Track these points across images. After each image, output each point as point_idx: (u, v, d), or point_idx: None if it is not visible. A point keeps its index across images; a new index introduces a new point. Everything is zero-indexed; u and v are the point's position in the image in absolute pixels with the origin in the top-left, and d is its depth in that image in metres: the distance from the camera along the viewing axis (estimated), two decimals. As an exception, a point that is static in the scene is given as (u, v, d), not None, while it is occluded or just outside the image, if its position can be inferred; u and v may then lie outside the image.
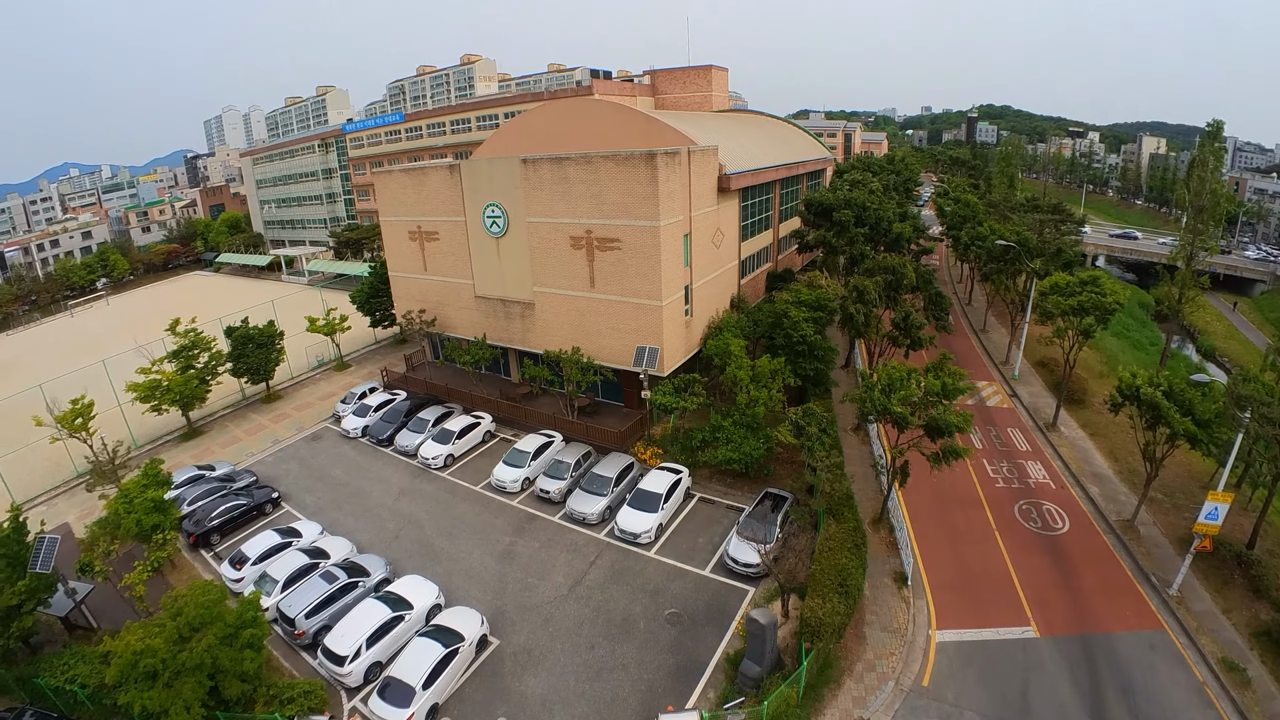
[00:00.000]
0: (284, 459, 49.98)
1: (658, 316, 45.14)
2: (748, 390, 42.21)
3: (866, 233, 58.93)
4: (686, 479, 40.92)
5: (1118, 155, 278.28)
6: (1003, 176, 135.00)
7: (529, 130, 59.49)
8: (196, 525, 39.59)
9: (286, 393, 62.87)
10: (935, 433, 34.07)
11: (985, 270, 65.76)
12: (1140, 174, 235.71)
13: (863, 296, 48.75)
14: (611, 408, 51.64)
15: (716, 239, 52.65)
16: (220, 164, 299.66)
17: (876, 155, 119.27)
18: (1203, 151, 64.10)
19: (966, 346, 67.32)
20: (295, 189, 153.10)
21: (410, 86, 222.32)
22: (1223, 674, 29.01)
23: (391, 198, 59.10)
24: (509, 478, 42.61)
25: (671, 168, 44.08)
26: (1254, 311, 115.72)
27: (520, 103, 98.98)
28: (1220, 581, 34.85)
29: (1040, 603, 32.80)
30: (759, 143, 69.33)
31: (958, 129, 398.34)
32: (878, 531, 37.07)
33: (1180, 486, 43.50)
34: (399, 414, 51.71)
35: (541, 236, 48.90)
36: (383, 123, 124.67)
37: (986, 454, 46.43)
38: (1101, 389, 54.17)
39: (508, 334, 54.16)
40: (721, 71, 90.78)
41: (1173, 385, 36.54)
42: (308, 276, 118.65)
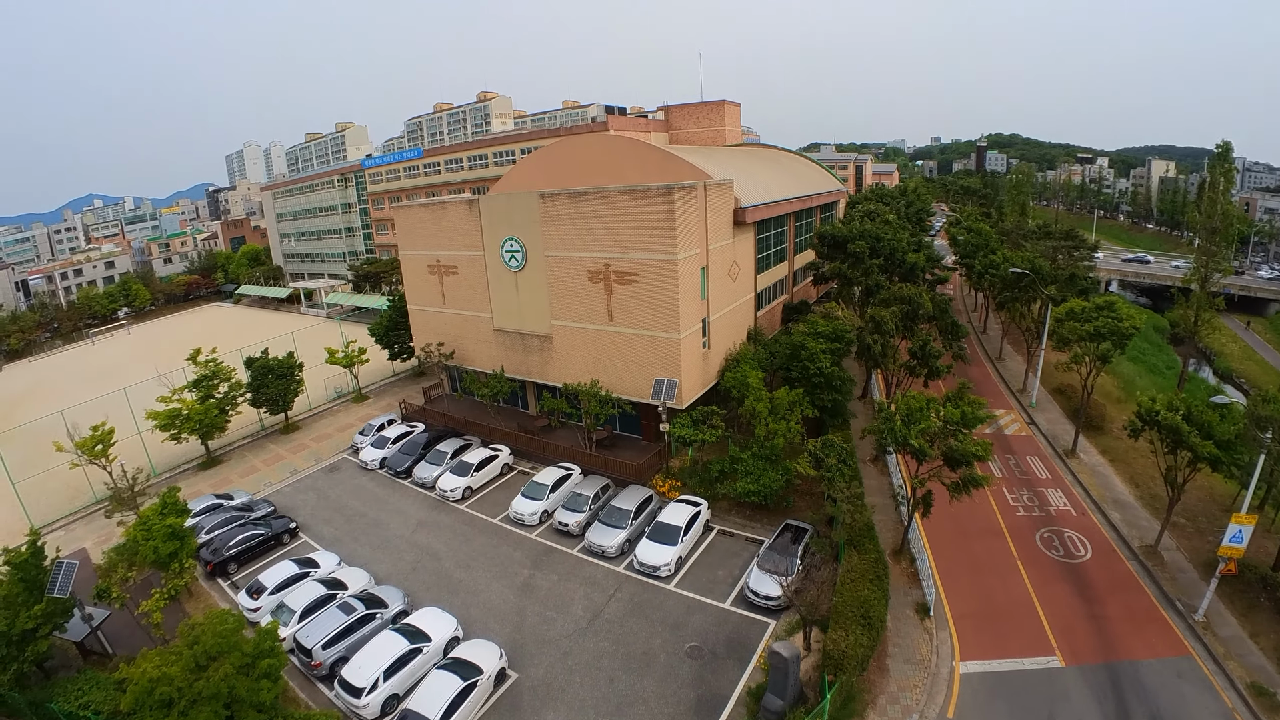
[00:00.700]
0: (302, 489, 50.36)
1: (676, 349, 45.45)
2: (766, 422, 42.25)
3: (881, 263, 59.24)
4: (705, 511, 40.88)
5: (1127, 180, 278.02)
6: (1014, 204, 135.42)
7: (546, 165, 60.44)
8: (214, 554, 39.90)
9: (305, 424, 63.49)
10: (954, 462, 33.97)
11: (1000, 298, 65.78)
12: (1150, 198, 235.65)
13: (880, 327, 48.90)
14: (630, 440, 51.74)
15: (733, 272, 53.07)
16: (241, 198, 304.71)
17: (888, 186, 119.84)
18: (1213, 173, 64.52)
19: (983, 375, 67.17)
20: (315, 223, 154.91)
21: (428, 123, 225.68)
22: (1252, 699, 28.69)
23: (411, 232, 59.94)
24: (527, 510, 42.70)
25: (688, 202, 44.67)
26: (1269, 331, 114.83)
27: (536, 139, 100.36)
28: (1246, 605, 34.52)
29: (1065, 631, 32.51)
30: (773, 176, 70.14)
31: (967, 159, 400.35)
32: (899, 562, 36.85)
33: (1203, 510, 43.25)
34: (417, 446, 51.99)
35: (559, 270, 49.47)
36: (401, 158, 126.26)
37: (1006, 483, 46.21)
38: (1120, 415, 53.97)
39: (526, 367, 54.54)
40: (734, 106, 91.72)
41: (1192, 409, 36.44)
42: (327, 309, 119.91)
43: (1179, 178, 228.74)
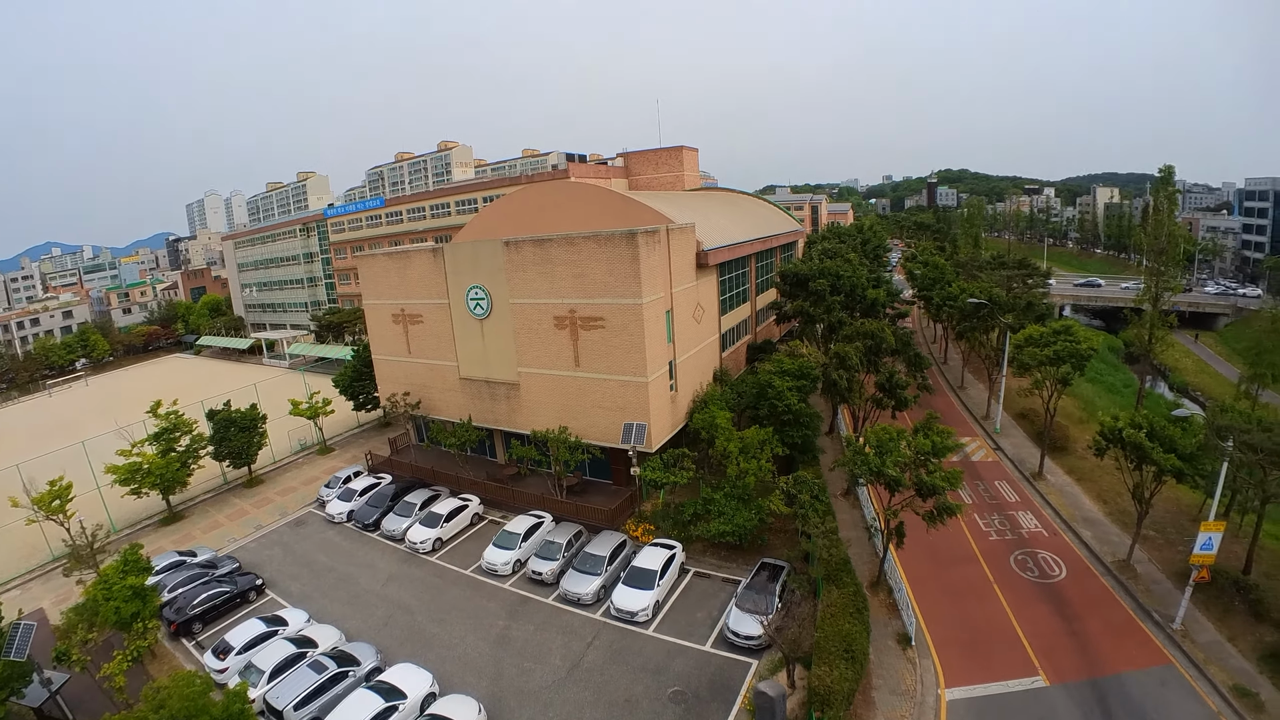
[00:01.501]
0: (267, 545, 49.36)
1: (644, 393, 45.62)
2: (737, 462, 42.37)
3: (842, 300, 60.26)
4: (680, 554, 40.74)
5: (1074, 208, 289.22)
6: (967, 237, 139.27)
7: (510, 213, 60.70)
8: (178, 613, 38.84)
9: (269, 477, 62.45)
10: (927, 492, 34.41)
11: (959, 329, 67.28)
12: (1097, 224, 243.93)
13: (844, 362, 49.55)
14: (600, 486, 51.57)
15: (697, 314, 53.67)
16: (202, 247, 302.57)
17: (844, 225, 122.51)
18: (1157, 196, 66.57)
19: (947, 404, 68.17)
20: (276, 273, 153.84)
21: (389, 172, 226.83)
22: (1236, 701, 29.36)
23: (375, 281, 59.75)
24: (500, 560, 42.19)
25: (652, 246, 45.24)
26: (1220, 344, 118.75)
27: (498, 187, 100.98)
28: (1222, 610, 35.41)
29: (1046, 651, 32.87)
30: (732, 219, 71.33)
31: (919, 195, 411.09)
32: (877, 594, 37.00)
33: (1171, 521, 44.41)
34: (385, 498, 51.30)
35: (525, 317, 49.59)
36: (363, 207, 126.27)
37: (977, 508, 46.82)
38: (1083, 435, 55.22)
39: (493, 415, 54.25)
40: (692, 152, 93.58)
41: (1153, 424, 37.55)
42: (289, 360, 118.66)
43: (1123, 203, 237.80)
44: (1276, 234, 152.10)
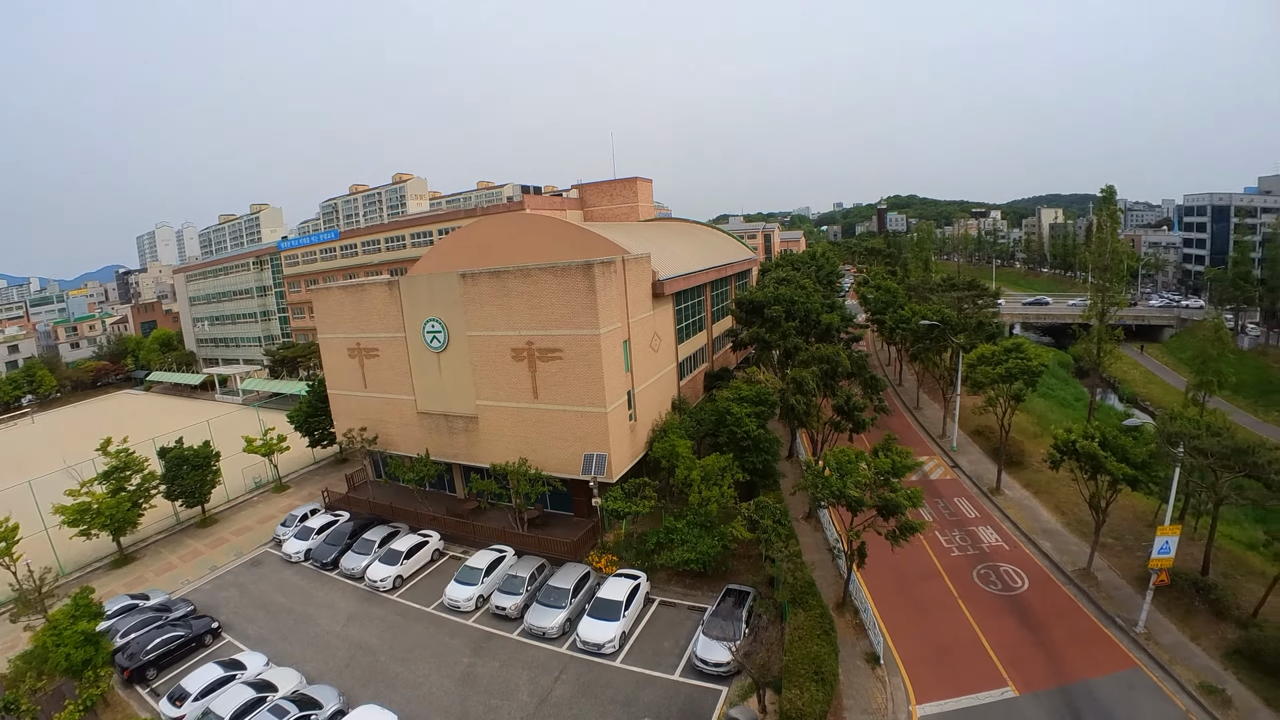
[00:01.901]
0: (223, 586, 47.99)
1: (603, 423, 45.57)
2: (699, 489, 42.48)
3: (798, 326, 60.99)
4: (645, 584, 40.52)
5: (1020, 229, 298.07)
6: (917, 261, 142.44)
7: (466, 245, 60.56)
8: (131, 659, 37.59)
9: (223, 516, 60.90)
10: (888, 511, 34.79)
11: (913, 350, 68.46)
12: (1043, 244, 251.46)
13: (802, 387, 50.02)
14: (562, 518, 51.22)
15: (654, 343, 53.93)
16: (153, 280, 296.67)
17: (797, 252, 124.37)
18: (1100, 216, 68.90)
19: (903, 425, 69.11)
20: (229, 306, 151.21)
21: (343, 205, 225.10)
22: (1203, 698, 30.14)
23: (330, 315, 58.98)
24: (462, 596, 41.59)
25: (608, 277, 45.43)
26: (1166, 355, 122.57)
27: (453, 219, 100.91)
28: (1183, 611, 36.37)
29: (1014, 662, 33.32)
30: (687, 248, 72.08)
31: (869, 221, 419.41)
32: (843, 615, 37.16)
33: (1128, 528, 45.55)
34: (343, 536, 50.30)
35: (483, 349, 49.35)
36: (318, 240, 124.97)
37: (938, 525, 47.48)
38: (1038, 449, 56.40)
39: (452, 449, 53.68)
40: (646, 182, 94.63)
41: (1105, 435, 38.66)
42: (242, 396, 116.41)
43: (1068, 223, 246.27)
44: (1215, 247, 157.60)
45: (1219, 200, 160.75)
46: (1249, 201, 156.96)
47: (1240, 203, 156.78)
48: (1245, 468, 36.21)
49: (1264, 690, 30.61)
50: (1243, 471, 36.51)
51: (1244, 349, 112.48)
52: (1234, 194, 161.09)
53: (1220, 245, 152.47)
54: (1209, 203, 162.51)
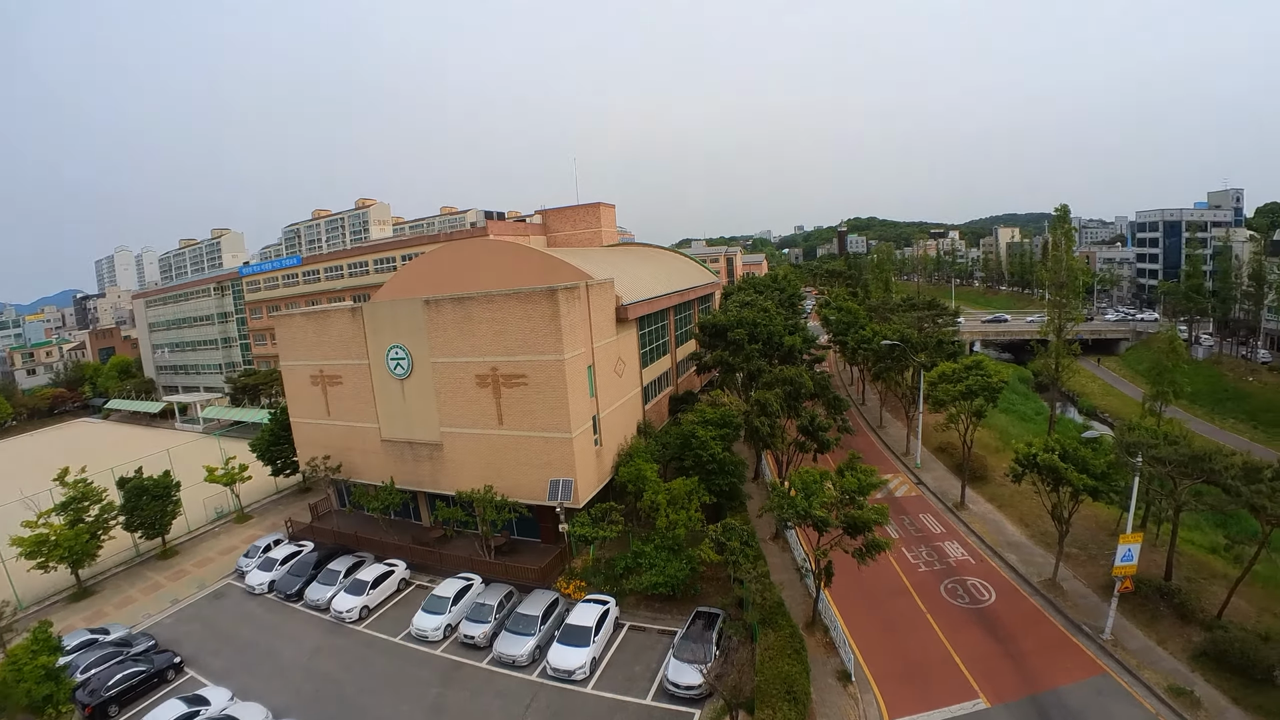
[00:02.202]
0: (185, 620, 46.77)
1: (569, 449, 45.50)
2: (666, 513, 42.52)
3: (761, 348, 61.48)
4: (615, 609, 40.36)
5: (978, 249, 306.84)
6: (878, 282, 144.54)
7: (429, 272, 60.35)
8: (92, 695, 36.43)
9: (184, 548, 59.47)
10: (854, 530, 35.08)
11: (875, 370, 69.37)
12: (1000, 262, 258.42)
13: (765, 409, 50.36)
14: (529, 544, 50.84)
15: (619, 368, 54.12)
16: (111, 306, 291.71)
17: (759, 275, 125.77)
18: (1055, 234, 70.62)
19: (867, 444, 69.85)
20: (189, 333, 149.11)
21: (306, 230, 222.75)
22: (1172, 701, 30.83)
23: (292, 342, 58.33)
24: (430, 625, 41.04)
25: (572, 302, 45.59)
26: (1123, 367, 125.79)
27: (416, 245, 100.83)
28: (1149, 616, 37.28)
29: (984, 674, 33.69)
30: (650, 273, 72.75)
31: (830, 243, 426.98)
32: (813, 634, 37.28)
33: (1091, 538, 46.49)
34: (307, 566, 49.49)
35: (447, 376, 49.09)
36: (280, 266, 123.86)
37: (904, 542, 47.95)
38: (1000, 463, 57.21)
39: (417, 477, 53.13)
40: (609, 208, 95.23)
41: (1066, 447, 39.58)
42: (203, 424, 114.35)
43: (1024, 241, 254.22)
44: (1168, 261, 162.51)
45: (1170, 216, 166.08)
46: (1199, 216, 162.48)
47: (1191, 218, 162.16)
48: (1203, 474, 37.26)
49: (1231, 690, 31.52)
50: (1201, 478, 37.55)
51: (1198, 359, 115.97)
52: (1185, 210, 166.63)
53: (1173, 259, 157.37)
54: (1160, 219, 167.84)
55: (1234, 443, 70.14)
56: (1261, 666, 31.87)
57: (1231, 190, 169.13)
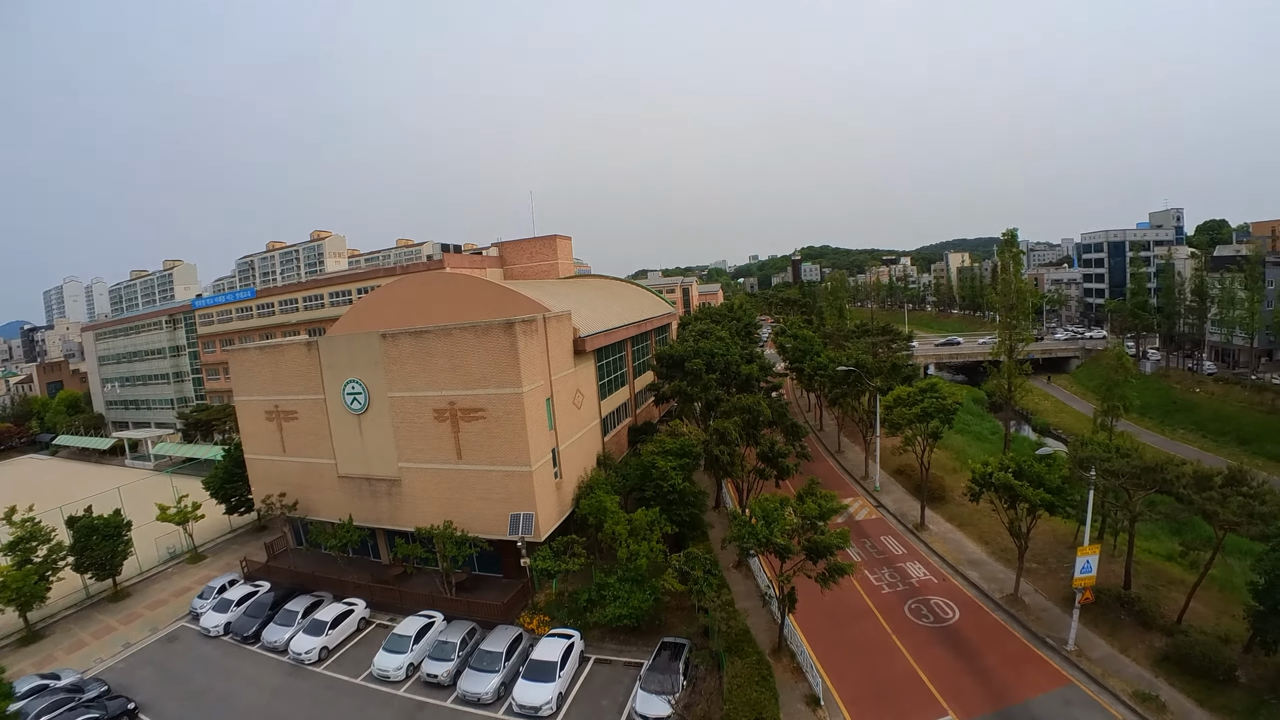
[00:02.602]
0: (138, 664, 45.26)
1: (529, 482, 45.35)
2: (627, 544, 42.40)
3: (718, 377, 62.06)
4: (579, 642, 40.06)
5: (929, 274, 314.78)
6: (832, 309, 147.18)
7: (386, 305, 59.95)
8: None
9: (136, 589, 57.59)
10: (817, 554, 35.31)
11: (832, 395, 70.26)
12: (952, 286, 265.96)
13: (725, 438, 50.70)
14: (491, 580, 50.36)
15: (577, 400, 54.19)
16: (60, 338, 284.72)
17: (715, 305, 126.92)
18: (1003, 258, 72.55)
19: (826, 469, 70.54)
20: (140, 367, 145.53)
21: (260, 262, 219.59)
22: (1139, 706, 31.56)
23: (247, 376, 57.41)
24: (392, 665, 40.26)
25: (530, 335, 45.67)
26: (1074, 384, 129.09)
27: (373, 278, 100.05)
28: (1111, 625, 38.13)
29: (953, 691, 33.98)
30: (607, 304, 73.24)
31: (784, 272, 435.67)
32: (780, 660, 37.32)
33: (1050, 552, 47.54)
34: (264, 607, 48.30)
35: (404, 411, 48.67)
36: (233, 299, 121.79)
37: (867, 564, 48.31)
38: (958, 483, 58.22)
39: (375, 513, 52.36)
40: (565, 240, 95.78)
41: (1021, 465, 40.53)
42: (154, 461, 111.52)
43: (974, 266, 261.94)
44: (1114, 280, 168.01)
45: (1114, 237, 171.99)
46: (1142, 236, 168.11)
47: (1134, 238, 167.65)
48: (1156, 484, 38.56)
49: (1195, 692, 32.43)
50: (1154, 488, 38.87)
51: (1146, 373, 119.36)
52: (1128, 230, 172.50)
53: (1118, 278, 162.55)
54: (1105, 239, 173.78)
55: (1184, 452, 72.41)
56: (1223, 667, 32.96)
57: (1172, 210, 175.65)
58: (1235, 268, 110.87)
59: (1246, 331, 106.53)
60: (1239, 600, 38.52)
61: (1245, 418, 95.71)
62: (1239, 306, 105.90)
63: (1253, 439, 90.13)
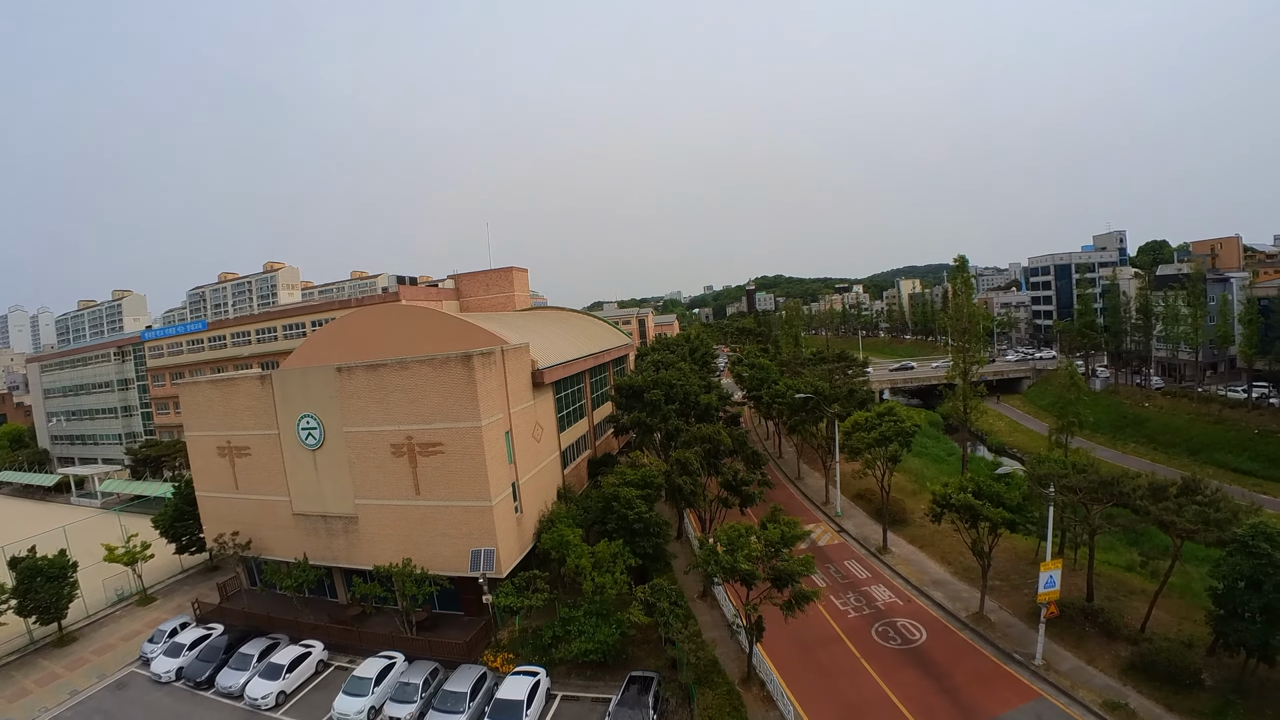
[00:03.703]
0: (85, 713, 43.32)
1: (489, 517, 44.77)
2: (591, 577, 42.01)
3: (677, 408, 62.35)
4: (545, 680, 39.38)
5: (882, 300, 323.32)
6: (788, 337, 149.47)
7: (341, 338, 59.05)
8: None
9: (83, 633, 55.30)
10: (782, 581, 35.42)
11: (790, 423, 70.94)
12: (904, 312, 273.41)
13: (686, 468, 50.81)
14: (452, 618, 49.41)
15: (536, 433, 53.89)
16: (3, 369, 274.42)
17: (671, 335, 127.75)
18: (954, 283, 74.15)
19: (787, 496, 70.85)
20: (88, 400, 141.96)
21: (211, 294, 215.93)
22: (1109, 715, 32.24)
23: (198, 411, 56.01)
24: (353, 709, 38.96)
25: (488, 368, 45.38)
26: (1027, 404, 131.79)
27: (327, 310, 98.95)
28: (1076, 638, 38.87)
29: (924, 712, 34.20)
30: (564, 336, 73.31)
31: (739, 302, 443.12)
32: (750, 689, 37.19)
33: (1013, 569, 48.28)
34: (218, 650, 46.69)
35: (361, 446, 47.82)
36: (184, 331, 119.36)
37: (832, 590, 48.49)
38: (919, 505, 58.88)
39: (331, 552, 51.16)
40: (522, 272, 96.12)
41: (980, 485, 41.56)
42: (102, 499, 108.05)
43: (925, 292, 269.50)
44: (1061, 301, 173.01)
45: (1060, 260, 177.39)
46: (1087, 259, 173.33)
47: (1079, 260, 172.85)
48: (1113, 497, 39.89)
49: (1163, 698, 33.22)
50: (1111, 501, 40.18)
51: (1097, 390, 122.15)
52: (1073, 253, 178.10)
53: (1065, 300, 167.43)
54: (1051, 263, 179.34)
55: (1137, 465, 73.96)
56: (1188, 672, 33.85)
57: (1115, 232, 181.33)
58: (1178, 286, 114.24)
59: (1191, 346, 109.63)
60: (1199, 606, 39.50)
61: (1194, 429, 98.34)
62: (1183, 322, 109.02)
63: (1202, 449, 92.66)
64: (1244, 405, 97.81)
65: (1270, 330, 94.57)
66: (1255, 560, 30.74)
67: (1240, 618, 31.62)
